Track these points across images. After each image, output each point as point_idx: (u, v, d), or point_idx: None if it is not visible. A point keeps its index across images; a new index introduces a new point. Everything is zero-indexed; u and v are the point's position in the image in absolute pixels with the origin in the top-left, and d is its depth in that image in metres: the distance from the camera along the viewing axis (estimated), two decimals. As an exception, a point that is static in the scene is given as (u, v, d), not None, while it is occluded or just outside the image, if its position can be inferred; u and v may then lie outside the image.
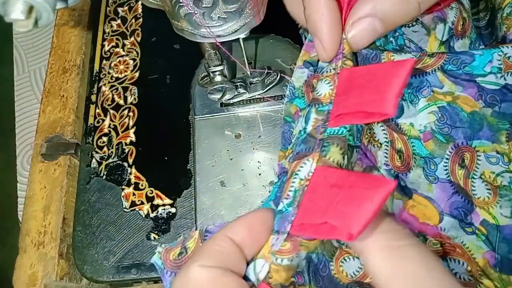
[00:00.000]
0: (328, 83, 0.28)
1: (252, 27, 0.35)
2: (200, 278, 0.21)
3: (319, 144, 0.25)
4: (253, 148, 0.45)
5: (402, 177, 0.29)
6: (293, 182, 0.25)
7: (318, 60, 0.31)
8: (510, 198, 0.28)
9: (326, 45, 0.28)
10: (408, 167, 0.30)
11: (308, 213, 0.23)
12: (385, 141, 0.30)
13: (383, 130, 0.30)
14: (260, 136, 0.45)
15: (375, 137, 0.30)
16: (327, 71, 0.28)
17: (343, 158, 0.25)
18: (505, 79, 0.29)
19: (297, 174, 0.25)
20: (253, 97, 0.46)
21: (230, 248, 0.22)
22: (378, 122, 0.30)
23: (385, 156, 0.29)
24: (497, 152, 0.29)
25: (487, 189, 0.28)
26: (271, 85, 0.45)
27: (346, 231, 0.20)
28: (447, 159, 0.29)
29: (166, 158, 0.46)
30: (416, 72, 0.30)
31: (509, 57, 0.29)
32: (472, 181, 0.29)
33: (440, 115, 0.30)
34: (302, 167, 0.25)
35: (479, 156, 0.29)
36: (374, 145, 0.30)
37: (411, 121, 0.30)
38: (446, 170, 0.29)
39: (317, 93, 0.28)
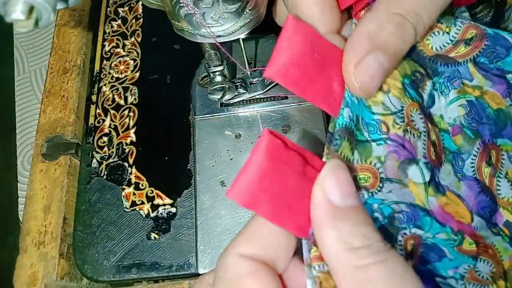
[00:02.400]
0: None
1: (252, 27, 0.35)
2: (237, 271, 0.20)
3: (329, 138, 0.24)
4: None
5: (436, 172, 0.28)
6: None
7: None
8: None
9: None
10: (440, 162, 0.28)
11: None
12: (423, 131, 0.28)
13: (421, 118, 0.28)
14: (260, 136, 0.45)
15: (415, 125, 0.28)
16: None
17: (353, 153, 0.24)
18: None
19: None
20: (253, 97, 0.46)
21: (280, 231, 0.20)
22: (416, 110, 0.28)
23: (423, 148, 0.28)
24: None
25: None
26: (271, 85, 0.45)
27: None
28: (474, 155, 0.28)
29: (166, 158, 0.46)
30: (448, 61, 0.28)
31: None
32: (498, 180, 0.28)
33: (468, 109, 0.28)
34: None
35: (503, 155, 0.28)
36: (414, 135, 0.27)
37: (441, 113, 0.29)
38: (473, 167, 0.28)
39: None
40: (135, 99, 0.50)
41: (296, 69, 0.24)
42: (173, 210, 0.43)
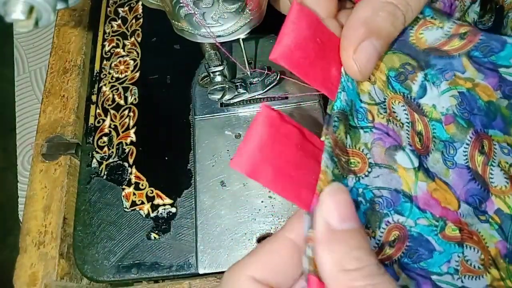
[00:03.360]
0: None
1: (252, 27, 0.35)
2: None
3: (328, 120, 0.25)
4: (253, 148, 0.45)
5: (423, 159, 0.29)
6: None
7: None
8: None
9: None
10: (427, 151, 0.29)
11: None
12: (406, 122, 0.29)
13: (404, 110, 0.29)
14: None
15: (397, 116, 0.29)
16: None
17: (346, 137, 0.26)
18: None
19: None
20: (253, 97, 0.46)
21: (288, 250, 0.21)
22: (399, 102, 0.29)
23: (407, 137, 0.29)
24: (507, 144, 0.29)
25: (505, 178, 0.28)
26: (271, 85, 0.45)
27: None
28: (467, 144, 0.29)
29: (166, 158, 0.46)
30: (442, 54, 0.29)
31: None
32: (491, 169, 0.28)
33: (460, 100, 0.29)
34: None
35: (495, 145, 0.29)
36: (396, 125, 0.29)
37: (434, 103, 0.29)
38: (465, 155, 0.29)
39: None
40: (135, 99, 0.50)
41: (299, 52, 0.25)
42: (173, 210, 0.43)
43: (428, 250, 0.27)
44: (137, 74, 0.52)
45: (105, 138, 0.48)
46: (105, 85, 0.51)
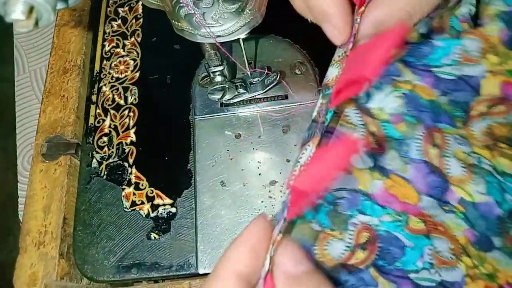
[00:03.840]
0: (338, 67, 0.28)
1: (252, 27, 0.35)
2: None
3: (319, 127, 0.26)
4: (253, 148, 0.45)
5: (379, 158, 0.30)
6: (295, 170, 0.25)
7: None
8: (483, 176, 0.28)
9: (340, 28, 0.27)
10: (383, 149, 0.30)
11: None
12: (360, 123, 0.30)
13: (356, 113, 0.30)
14: (260, 136, 0.45)
15: (349, 120, 0.30)
16: (338, 55, 0.29)
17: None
18: (460, 70, 0.31)
19: (298, 162, 0.25)
20: (253, 97, 0.46)
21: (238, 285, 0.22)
22: (351, 106, 0.30)
23: (363, 137, 0.30)
24: (460, 136, 0.30)
25: (462, 167, 0.29)
26: (271, 85, 0.45)
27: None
28: (419, 139, 0.30)
29: (166, 158, 0.46)
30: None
31: (467, 50, 0.30)
32: (447, 160, 0.29)
33: (406, 100, 0.31)
34: (303, 153, 0.25)
35: (447, 137, 0.30)
36: (348, 128, 0.30)
37: (380, 106, 0.31)
38: (419, 150, 0.30)
39: (326, 78, 0.28)
40: (135, 99, 0.50)
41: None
42: (173, 210, 0.43)
43: (399, 248, 0.27)
44: (137, 74, 0.52)
45: (105, 138, 0.48)
46: (105, 85, 0.51)
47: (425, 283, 0.27)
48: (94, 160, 0.47)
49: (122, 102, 0.50)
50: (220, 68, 0.42)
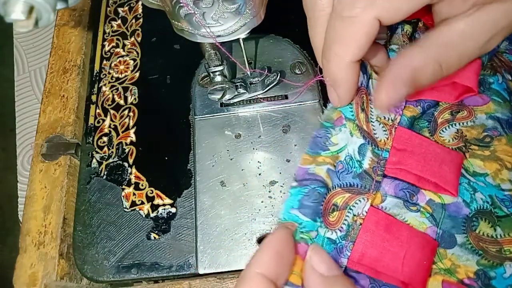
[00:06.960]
0: (385, 131, 0.31)
1: (252, 27, 0.35)
2: None
3: (375, 185, 0.29)
4: (253, 148, 0.45)
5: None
6: (347, 216, 0.28)
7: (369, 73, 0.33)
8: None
9: (342, 100, 0.30)
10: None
11: (363, 248, 0.28)
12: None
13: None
14: (260, 136, 0.45)
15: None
16: (385, 117, 0.31)
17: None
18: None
19: (351, 209, 0.28)
20: (253, 97, 0.46)
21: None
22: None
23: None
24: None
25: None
26: (271, 85, 0.45)
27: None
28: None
29: (166, 158, 0.46)
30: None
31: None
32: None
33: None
34: (357, 203, 0.29)
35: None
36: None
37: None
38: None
39: (374, 133, 0.31)
40: (135, 99, 0.50)
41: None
42: (173, 210, 0.43)
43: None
44: (137, 74, 0.52)
45: (105, 138, 0.48)
46: (105, 85, 0.51)
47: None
48: (94, 160, 0.47)
49: (122, 102, 0.50)
50: (220, 68, 0.42)
